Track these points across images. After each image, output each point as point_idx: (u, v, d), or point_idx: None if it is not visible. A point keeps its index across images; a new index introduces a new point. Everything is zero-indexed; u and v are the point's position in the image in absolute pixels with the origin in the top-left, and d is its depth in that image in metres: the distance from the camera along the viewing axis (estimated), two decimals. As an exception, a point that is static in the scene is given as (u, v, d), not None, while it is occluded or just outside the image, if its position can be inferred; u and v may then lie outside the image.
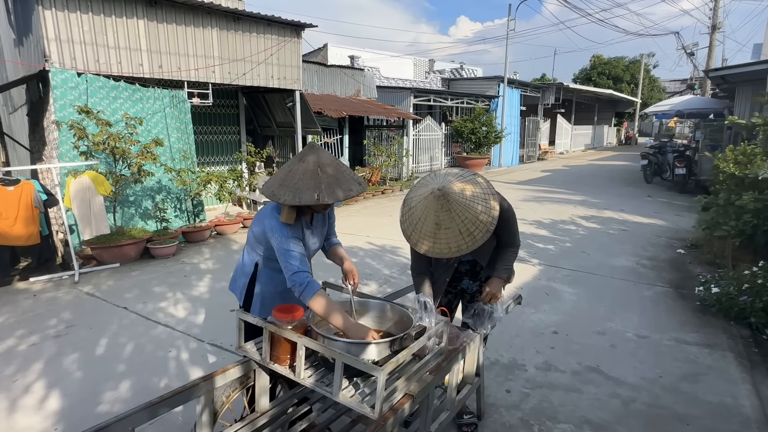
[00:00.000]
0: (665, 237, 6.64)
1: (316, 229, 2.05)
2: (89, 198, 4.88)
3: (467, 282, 2.41)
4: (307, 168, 1.75)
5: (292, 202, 1.70)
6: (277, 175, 1.81)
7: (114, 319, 3.85)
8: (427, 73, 21.67)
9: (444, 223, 1.81)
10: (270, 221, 1.84)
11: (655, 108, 13.97)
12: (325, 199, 1.70)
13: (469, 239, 1.82)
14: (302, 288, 1.73)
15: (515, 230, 2.19)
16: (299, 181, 1.73)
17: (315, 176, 1.72)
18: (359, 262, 5.46)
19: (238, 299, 2.10)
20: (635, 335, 3.56)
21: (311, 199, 1.69)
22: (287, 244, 1.79)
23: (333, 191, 1.73)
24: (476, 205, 1.82)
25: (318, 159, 1.77)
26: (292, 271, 1.76)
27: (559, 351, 3.31)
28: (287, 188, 1.73)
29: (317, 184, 1.71)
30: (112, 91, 6.19)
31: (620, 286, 4.64)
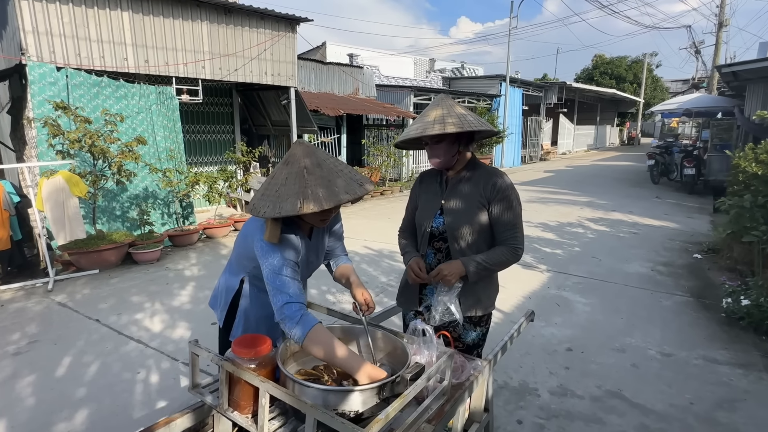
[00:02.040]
0: (679, 240, 6.28)
1: (315, 244, 1.70)
2: (63, 200, 4.53)
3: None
4: (291, 171, 1.40)
5: (271, 213, 1.34)
6: (262, 185, 1.47)
7: (83, 334, 3.50)
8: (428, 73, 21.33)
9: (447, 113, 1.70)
10: (258, 241, 1.49)
11: (663, 107, 13.61)
12: (310, 207, 1.32)
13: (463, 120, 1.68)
14: (293, 324, 1.37)
15: (517, 220, 1.76)
16: (281, 187, 1.38)
17: (299, 179, 1.37)
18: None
19: (218, 319, 1.75)
20: (659, 353, 3.20)
21: (292, 208, 1.32)
22: (278, 268, 1.44)
23: (320, 196, 1.36)
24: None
25: (305, 158, 1.42)
26: (281, 301, 1.40)
27: (575, 372, 2.95)
28: (268, 198, 1.38)
29: (301, 189, 1.35)
30: (94, 86, 5.85)
31: (637, 296, 4.28)
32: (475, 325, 1.90)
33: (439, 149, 1.76)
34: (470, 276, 1.73)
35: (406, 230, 2.05)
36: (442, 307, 1.74)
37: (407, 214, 2.04)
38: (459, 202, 1.80)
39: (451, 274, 1.70)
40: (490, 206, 1.77)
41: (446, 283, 1.71)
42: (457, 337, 1.93)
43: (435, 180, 1.92)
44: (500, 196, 1.75)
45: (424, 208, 1.90)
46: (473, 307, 1.85)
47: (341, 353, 1.34)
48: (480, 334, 1.95)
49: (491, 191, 1.75)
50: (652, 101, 32.47)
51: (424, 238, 1.87)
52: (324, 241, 1.76)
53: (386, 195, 10.69)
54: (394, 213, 8.45)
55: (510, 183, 1.79)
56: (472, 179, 1.81)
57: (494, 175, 1.79)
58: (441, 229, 1.82)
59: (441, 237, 1.83)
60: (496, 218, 1.77)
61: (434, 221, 1.84)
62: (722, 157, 10.83)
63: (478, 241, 1.80)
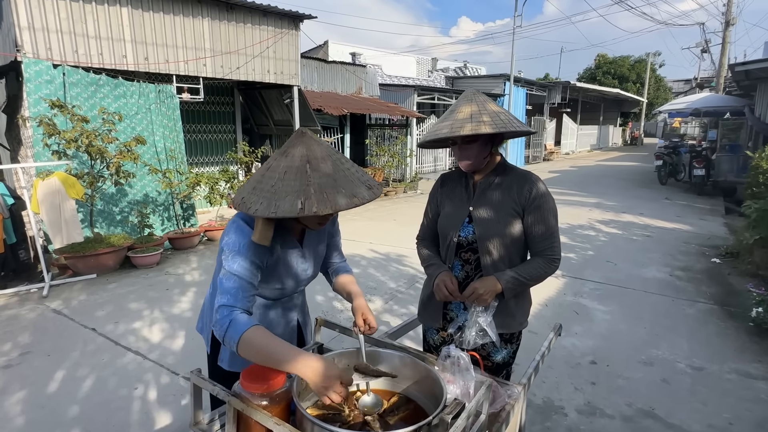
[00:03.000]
0: (694, 244, 6.09)
1: (308, 250, 1.50)
2: (59, 202, 4.35)
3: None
4: (291, 164, 1.19)
5: (265, 213, 1.14)
6: (254, 176, 1.27)
7: (78, 344, 3.32)
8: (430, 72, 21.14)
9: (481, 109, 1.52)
10: (231, 237, 1.29)
11: (670, 106, 13.43)
12: (312, 209, 1.12)
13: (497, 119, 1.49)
14: (222, 330, 1.18)
15: (554, 230, 1.57)
16: (278, 182, 1.18)
17: (301, 175, 1.17)
18: (361, 272, 4.92)
19: (205, 342, 1.57)
20: (688, 366, 3.01)
21: (292, 210, 1.12)
22: (233, 265, 1.25)
23: (326, 197, 1.15)
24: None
25: (308, 151, 1.21)
26: (215, 304, 1.23)
27: (602, 387, 2.77)
28: (261, 193, 1.18)
29: (303, 187, 1.15)
30: (92, 85, 5.67)
31: (658, 303, 4.09)
32: (505, 342, 1.73)
33: (471, 150, 1.57)
34: (506, 293, 1.56)
35: (426, 238, 1.86)
36: (476, 328, 1.55)
37: (427, 220, 1.85)
38: (490, 209, 1.62)
39: (486, 292, 1.52)
40: (524, 214, 1.59)
41: (482, 302, 1.53)
42: (485, 356, 1.75)
43: (460, 183, 1.73)
44: (536, 203, 1.57)
45: (449, 215, 1.70)
46: (506, 324, 1.67)
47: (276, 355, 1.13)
48: (510, 352, 1.77)
49: (526, 198, 1.58)
50: (655, 101, 32.27)
51: (450, 249, 1.68)
52: (320, 247, 1.56)
53: (390, 196, 10.50)
54: (399, 215, 8.26)
55: (546, 189, 1.61)
56: (503, 184, 1.62)
57: (528, 180, 1.61)
58: (470, 239, 1.63)
59: (470, 247, 1.65)
60: (532, 228, 1.59)
61: (462, 230, 1.65)
62: (731, 157, 10.66)
63: (511, 252, 1.62)
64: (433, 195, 1.82)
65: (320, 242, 1.57)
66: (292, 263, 1.44)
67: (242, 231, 1.29)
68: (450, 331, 1.71)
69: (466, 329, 1.57)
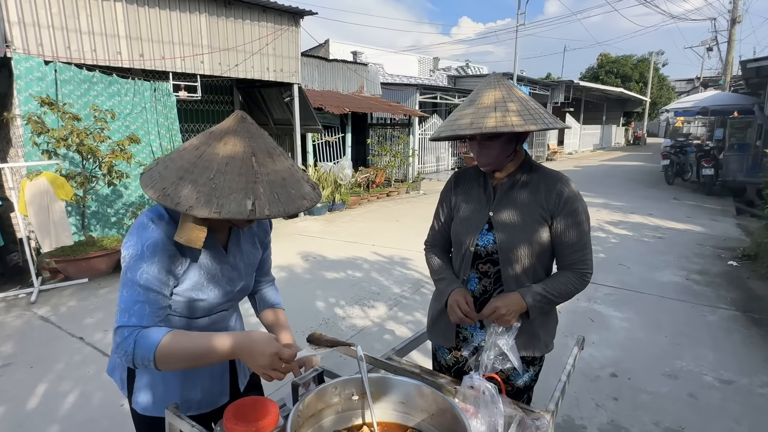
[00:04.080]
0: (709, 246, 5.88)
1: (236, 255, 1.25)
2: (47, 203, 4.16)
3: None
4: (233, 154, 0.99)
5: (205, 212, 0.93)
6: (176, 160, 1.02)
7: (64, 354, 3.12)
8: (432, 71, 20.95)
9: (507, 97, 1.32)
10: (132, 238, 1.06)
11: (677, 105, 13.20)
12: (264, 211, 0.95)
13: (526, 111, 1.29)
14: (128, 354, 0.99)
15: (586, 239, 1.37)
16: (218, 175, 0.97)
17: (247, 170, 0.98)
18: (364, 276, 4.72)
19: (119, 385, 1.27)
20: (716, 379, 2.81)
21: (240, 211, 0.93)
22: (135, 273, 1.02)
23: (278, 198, 0.98)
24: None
25: (251, 141, 1.02)
26: (114, 324, 1.03)
27: (625, 404, 2.56)
28: (195, 186, 0.96)
29: (250, 185, 0.97)
30: (85, 82, 5.48)
31: (677, 309, 3.89)
32: (528, 364, 1.52)
33: (494, 148, 1.36)
34: (531, 312, 1.35)
35: (437, 245, 1.65)
36: (495, 352, 1.35)
37: (438, 224, 1.63)
38: (514, 214, 1.41)
39: (510, 312, 1.31)
40: (553, 221, 1.38)
41: (504, 323, 1.33)
42: (504, 379, 1.54)
43: (477, 184, 1.52)
44: (567, 208, 1.36)
45: (465, 220, 1.49)
46: (529, 346, 1.47)
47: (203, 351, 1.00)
48: (533, 375, 1.56)
49: (556, 202, 1.37)
50: (658, 101, 32.05)
51: (466, 259, 1.47)
52: (252, 253, 1.31)
53: (392, 196, 10.31)
54: (401, 215, 8.06)
55: (577, 192, 1.40)
56: (529, 185, 1.42)
57: (558, 181, 1.40)
58: (490, 249, 1.42)
59: (489, 258, 1.43)
60: (561, 236, 1.38)
61: (480, 238, 1.44)
62: (740, 156, 10.45)
63: (536, 264, 1.41)
64: (446, 195, 1.60)
65: (252, 247, 1.32)
66: (215, 271, 1.18)
67: (146, 229, 1.05)
68: (464, 353, 1.50)
69: (484, 352, 1.36)
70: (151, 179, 1.03)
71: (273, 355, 0.99)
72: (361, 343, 1.31)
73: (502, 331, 1.35)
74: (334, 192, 8.48)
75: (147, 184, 1.02)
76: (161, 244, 1.05)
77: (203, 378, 1.26)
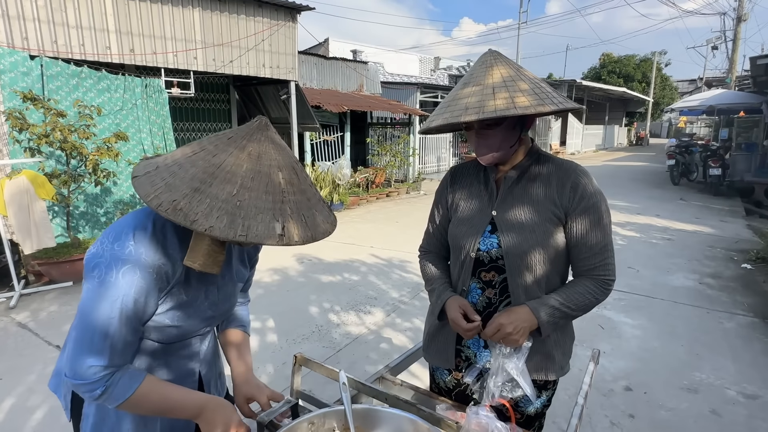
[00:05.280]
0: (720, 248, 5.66)
1: (228, 276, 1.08)
2: (28, 203, 3.96)
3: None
4: (257, 168, 0.82)
5: (229, 233, 0.75)
6: (183, 167, 0.83)
7: (37, 365, 2.92)
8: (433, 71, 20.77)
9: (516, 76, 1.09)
10: (110, 253, 0.84)
11: (683, 103, 12.97)
12: (293, 237, 0.80)
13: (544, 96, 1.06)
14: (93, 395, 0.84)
15: (607, 240, 1.16)
16: (242, 191, 0.79)
17: (275, 186, 0.82)
18: (361, 280, 4.51)
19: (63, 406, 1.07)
20: (740, 393, 2.59)
21: (269, 234, 0.78)
22: (110, 303, 0.83)
23: (305, 221, 0.84)
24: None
25: (276, 153, 0.85)
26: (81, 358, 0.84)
27: (642, 421, 2.35)
28: (214, 202, 0.77)
29: (278, 205, 0.81)
30: (73, 77, 5.28)
31: (691, 316, 3.67)
32: (540, 389, 1.30)
33: (494, 136, 1.15)
34: (544, 330, 1.14)
35: (432, 250, 1.45)
36: (503, 377, 1.13)
37: (432, 228, 1.43)
38: (521, 212, 1.19)
39: (517, 330, 1.10)
40: (568, 219, 1.17)
41: (511, 343, 1.11)
42: (513, 405, 1.32)
43: (477, 179, 1.30)
44: (585, 204, 1.15)
45: (464, 221, 1.27)
46: (542, 367, 1.25)
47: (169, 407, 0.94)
48: (545, 400, 1.35)
49: (571, 197, 1.16)
50: (661, 101, 31.80)
51: (466, 267, 1.25)
52: (242, 273, 1.15)
53: (392, 197, 10.10)
54: (401, 216, 7.85)
55: (596, 185, 1.19)
56: (538, 178, 1.21)
57: (572, 172, 1.18)
58: (494, 255, 1.21)
59: (493, 265, 1.22)
60: (578, 237, 1.17)
61: (482, 242, 1.22)
62: (748, 156, 10.22)
63: (549, 271, 1.19)
64: (441, 194, 1.39)
65: (242, 265, 1.15)
66: (198, 294, 1.00)
67: (125, 244, 0.85)
68: (467, 380, 1.28)
69: (490, 378, 1.15)
70: (153, 187, 0.82)
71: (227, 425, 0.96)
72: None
73: (510, 353, 1.14)
74: (332, 192, 8.28)
75: (149, 193, 0.81)
76: (142, 266, 0.86)
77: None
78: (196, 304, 1.00)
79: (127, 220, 0.90)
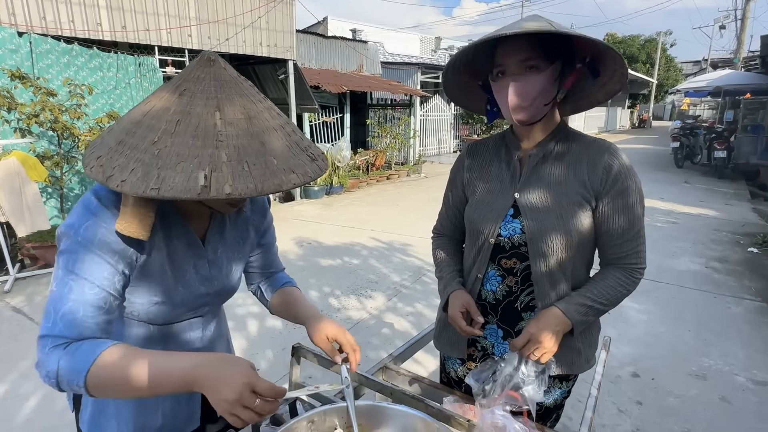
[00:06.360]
0: (725, 231, 5.58)
1: (216, 248, 0.97)
2: (20, 185, 3.85)
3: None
4: (188, 109, 0.70)
5: (140, 188, 0.65)
6: (120, 121, 0.75)
7: (32, 350, 2.85)
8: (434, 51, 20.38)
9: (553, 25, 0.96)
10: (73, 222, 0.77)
11: (689, 84, 12.74)
12: (224, 189, 0.66)
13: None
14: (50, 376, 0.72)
15: (639, 225, 1.06)
16: (164, 137, 0.68)
17: (206, 130, 0.69)
18: (361, 264, 4.44)
19: (67, 397, 1.02)
20: (749, 380, 2.54)
21: (188, 187, 0.65)
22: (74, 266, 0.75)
23: (247, 170, 0.69)
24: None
25: (218, 90, 0.71)
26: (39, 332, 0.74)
27: (650, 409, 2.30)
28: (133, 153, 0.69)
29: (208, 150, 0.67)
30: (64, 55, 5.11)
31: (698, 300, 3.61)
32: (560, 381, 1.23)
33: (534, 84, 1.00)
34: (576, 328, 1.06)
35: (445, 233, 1.35)
36: (525, 381, 1.04)
37: (446, 208, 1.32)
38: (547, 195, 1.09)
39: (552, 345, 1.01)
40: (598, 203, 1.06)
41: (545, 355, 1.02)
42: None
43: (497, 157, 1.19)
44: (618, 187, 1.04)
45: (483, 204, 1.16)
46: (568, 362, 1.17)
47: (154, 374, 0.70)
48: (564, 392, 1.27)
49: (603, 179, 1.05)
50: (665, 82, 31.34)
51: (484, 253, 1.15)
52: (239, 245, 1.03)
53: (393, 180, 9.98)
54: (402, 200, 7.75)
55: (630, 165, 1.07)
56: (566, 157, 1.09)
57: (605, 151, 1.07)
58: (516, 241, 1.10)
59: (514, 251, 1.12)
60: (608, 223, 1.06)
61: (504, 227, 1.12)
62: (754, 138, 10.07)
63: (575, 258, 1.10)
64: (457, 172, 1.28)
65: (242, 237, 1.03)
66: (186, 268, 0.91)
67: (91, 213, 0.77)
68: (483, 379, 1.18)
69: (520, 381, 1.05)
70: (92, 147, 0.75)
71: (244, 385, 0.68)
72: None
73: (531, 379, 1.04)
74: (332, 175, 8.16)
75: (86, 155, 0.74)
76: (102, 231, 0.77)
77: (164, 399, 0.99)
78: (185, 280, 0.91)
79: (95, 192, 0.81)
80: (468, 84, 1.20)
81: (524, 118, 1.04)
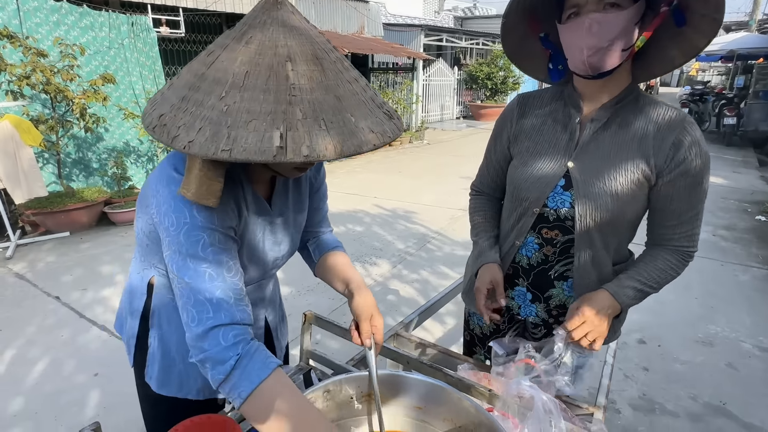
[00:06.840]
0: (733, 199, 5.51)
1: (282, 213, 0.93)
2: (14, 150, 3.75)
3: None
4: (257, 60, 0.61)
5: (209, 150, 0.57)
6: (182, 75, 0.67)
7: (37, 317, 2.86)
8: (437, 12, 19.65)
9: None
10: (162, 193, 0.73)
11: (701, 48, 12.26)
12: (301, 150, 0.58)
13: None
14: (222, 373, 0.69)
15: (699, 206, 0.97)
16: (233, 90, 0.60)
17: (278, 84, 0.60)
18: (365, 231, 4.40)
19: (127, 352, 1.01)
20: (756, 347, 2.54)
21: (262, 148, 0.57)
22: (196, 248, 0.72)
23: (325, 128, 0.60)
24: None
25: (287, 38, 0.63)
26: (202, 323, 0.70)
27: (657, 375, 2.30)
28: (198, 110, 0.61)
29: (282, 107, 0.59)
30: (53, 13, 4.88)
31: (705, 268, 3.58)
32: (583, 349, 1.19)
33: (614, 22, 0.85)
34: (623, 313, 1.06)
35: (485, 191, 1.26)
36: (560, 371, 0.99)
37: (487, 165, 1.21)
38: (604, 169, 0.97)
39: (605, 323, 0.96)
40: (659, 181, 0.95)
41: (598, 344, 0.97)
42: None
43: (553, 117, 1.05)
44: (685, 166, 0.92)
45: (530, 169, 1.05)
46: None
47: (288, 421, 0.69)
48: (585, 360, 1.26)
49: (669, 156, 0.93)
50: (674, 46, 30.38)
51: (525, 220, 1.07)
52: (303, 205, 0.99)
53: (395, 146, 9.81)
54: (404, 167, 7.64)
55: (702, 141, 0.94)
56: (632, 125, 0.97)
57: (679, 125, 0.93)
58: (563, 214, 1.02)
59: (559, 224, 1.03)
60: (666, 202, 0.97)
61: (551, 198, 1.02)
62: (765, 105, 9.81)
63: (622, 238, 1.04)
64: (503, 126, 1.14)
65: (300, 201, 0.99)
66: (258, 235, 0.88)
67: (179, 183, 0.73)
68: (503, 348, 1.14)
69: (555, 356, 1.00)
70: (152, 104, 0.67)
71: None
72: None
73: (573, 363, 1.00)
74: (334, 141, 8.01)
75: (146, 112, 0.67)
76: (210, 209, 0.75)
77: None
78: (259, 247, 0.89)
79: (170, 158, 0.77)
80: (526, 38, 1.05)
81: (599, 62, 0.90)
